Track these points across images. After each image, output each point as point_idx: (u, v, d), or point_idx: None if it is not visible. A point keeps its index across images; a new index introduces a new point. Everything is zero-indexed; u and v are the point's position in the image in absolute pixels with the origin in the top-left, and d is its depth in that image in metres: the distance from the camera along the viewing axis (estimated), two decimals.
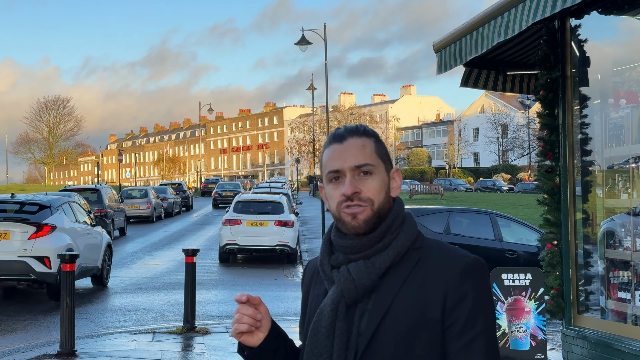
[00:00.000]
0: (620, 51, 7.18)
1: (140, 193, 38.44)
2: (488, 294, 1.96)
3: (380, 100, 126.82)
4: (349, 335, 1.96)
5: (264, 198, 23.92)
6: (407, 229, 2.02)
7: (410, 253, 1.99)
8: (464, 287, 1.92)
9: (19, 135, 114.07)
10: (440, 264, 1.95)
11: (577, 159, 7.12)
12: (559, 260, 7.20)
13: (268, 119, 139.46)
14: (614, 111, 6.75)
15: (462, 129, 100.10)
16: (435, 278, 1.93)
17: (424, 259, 1.98)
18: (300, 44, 31.99)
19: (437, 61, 7.52)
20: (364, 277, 1.96)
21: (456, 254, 1.98)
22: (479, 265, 1.96)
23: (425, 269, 1.95)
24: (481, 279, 1.95)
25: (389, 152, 2.13)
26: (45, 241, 13.27)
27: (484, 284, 1.95)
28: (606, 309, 6.80)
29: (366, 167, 2.00)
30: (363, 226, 1.99)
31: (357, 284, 1.96)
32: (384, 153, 2.06)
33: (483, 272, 1.97)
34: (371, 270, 1.97)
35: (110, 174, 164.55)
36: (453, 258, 1.96)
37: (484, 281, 1.96)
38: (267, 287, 17.14)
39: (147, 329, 11.67)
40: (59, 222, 13.83)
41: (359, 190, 1.99)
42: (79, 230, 14.78)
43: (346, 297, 1.98)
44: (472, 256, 1.98)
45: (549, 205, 7.28)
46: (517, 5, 5.80)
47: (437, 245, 2.02)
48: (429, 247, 2.01)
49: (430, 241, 2.04)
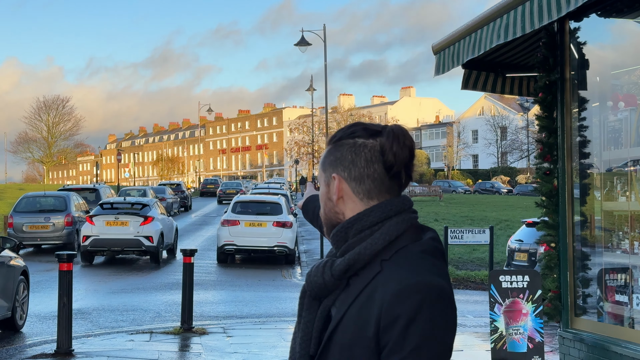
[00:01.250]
0: (619, 54, 7.18)
1: (139, 193, 38.49)
2: (426, 319, 1.80)
3: (379, 102, 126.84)
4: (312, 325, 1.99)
5: (262, 199, 23.93)
6: (375, 237, 1.94)
7: (375, 264, 1.92)
8: (395, 310, 1.80)
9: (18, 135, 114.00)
10: (386, 282, 1.85)
11: (576, 162, 7.12)
12: (556, 263, 7.20)
13: (267, 120, 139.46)
14: (613, 114, 6.76)
15: (461, 131, 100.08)
16: (379, 295, 1.85)
17: (382, 272, 1.89)
18: (300, 44, 32.02)
19: (435, 62, 7.53)
20: (318, 276, 1.98)
21: (406, 273, 1.85)
22: (422, 288, 1.82)
23: (376, 284, 1.88)
24: (420, 302, 1.80)
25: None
26: (149, 227, 21.20)
27: (424, 309, 1.80)
28: (603, 311, 6.80)
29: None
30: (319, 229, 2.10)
31: (312, 281, 1.99)
32: (329, 160, 2.03)
33: (424, 296, 1.81)
34: (326, 271, 1.96)
35: (109, 174, 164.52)
36: (399, 278, 1.84)
37: (424, 305, 1.80)
38: (265, 287, 17.14)
39: (144, 329, 11.66)
40: (155, 214, 21.89)
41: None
42: (164, 219, 22.79)
43: (307, 290, 2.03)
44: (420, 278, 1.84)
45: (547, 207, 7.28)
46: (517, 7, 5.80)
47: (402, 261, 1.90)
48: (393, 261, 1.91)
49: (403, 253, 1.92)
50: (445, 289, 1.86)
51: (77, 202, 25.29)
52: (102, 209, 21.76)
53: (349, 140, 2.00)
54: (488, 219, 31.98)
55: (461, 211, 37.73)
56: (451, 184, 75.63)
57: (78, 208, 24.94)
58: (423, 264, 1.89)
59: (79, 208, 25.12)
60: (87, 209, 25.82)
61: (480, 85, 8.59)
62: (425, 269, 1.87)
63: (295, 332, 2.08)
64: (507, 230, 27.09)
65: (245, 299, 15.29)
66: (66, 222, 23.57)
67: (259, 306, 14.30)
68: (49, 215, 23.70)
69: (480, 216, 34.28)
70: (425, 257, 1.91)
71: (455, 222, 29.81)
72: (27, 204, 24.47)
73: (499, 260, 18.67)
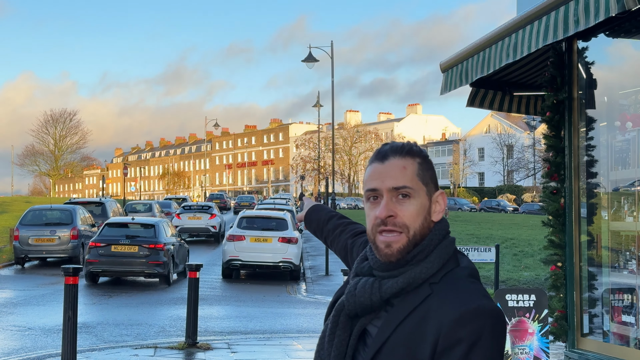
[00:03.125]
0: (627, 74, 7.18)
1: (144, 207, 38.53)
2: (488, 344, 1.82)
3: (386, 119, 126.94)
4: (347, 345, 1.97)
5: (268, 214, 23.91)
6: (430, 260, 1.94)
7: (424, 287, 1.91)
8: (457, 334, 1.81)
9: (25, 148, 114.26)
10: (442, 306, 1.85)
11: (583, 181, 7.11)
12: (563, 283, 7.18)
13: (274, 135, 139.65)
14: (620, 134, 6.75)
15: (467, 148, 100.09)
16: (433, 319, 1.84)
17: (433, 295, 1.89)
18: (308, 60, 32.10)
19: (442, 81, 7.54)
20: (365, 297, 1.95)
21: (463, 297, 1.86)
22: (483, 313, 1.83)
23: (428, 307, 1.87)
24: (481, 327, 1.82)
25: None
26: (214, 220, 35.11)
27: (485, 334, 1.82)
28: (609, 332, 6.77)
29: (404, 190, 1.94)
30: (397, 255, 1.94)
31: (357, 301, 1.96)
32: (429, 175, 1.99)
33: (486, 321, 1.83)
34: (375, 292, 1.94)
35: (115, 188, 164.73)
36: (456, 301, 1.85)
37: (485, 330, 1.82)
38: (270, 303, 17.10)
39: (148, 343, 11.65)
40: (217, 212, 35.97)
41: (394, 214, 1.94)
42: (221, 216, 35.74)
43: (347, 309, 1.99)
44: (479, 303, 1.85)
45: (553, 226, 7.26)
46: (525, 27, 5.82)
47: (453, 284, 1.91)
48: (444, 284, 1.91)
49: (452, 277, 1.93)
50: (501, 314, 1.89)
51: (83, 216, 25.29)
52: (184, 209, 35.69)
53: (428, 158, 2.03)
54: (494, 237, 31.89)
55: (467, 229, 37.64)
56: (457, 202, 75.53)
57: (84, 221, 24.93)
58: (475, 289, 1.90)
59: (85, 221, 25.11)
60: (92, 223, 25.83)
61: (487, 104, 8.59)
62: (479, 294, 1.89)
63: (318, 350, 2.04)
64: (512, 249, 27.00)
65: (250, 314, 15.26)
66: (72, 235, 23.56)
67: (263, 322, 14.27)
68: (55, 229, 23.70)
69: (486, 234, 34.18)
70: (474, 282, 1.93)
71: (461, 240, 29.72)
72: (33, 216, 24.48)
73: (504, 279, 18.60)
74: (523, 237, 32.03)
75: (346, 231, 2.68)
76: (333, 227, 2.74)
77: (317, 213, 2.89)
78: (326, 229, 2.77)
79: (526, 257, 24.31)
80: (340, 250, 2.65)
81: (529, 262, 22.80)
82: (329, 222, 2.77)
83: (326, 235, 2.77)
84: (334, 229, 2.72)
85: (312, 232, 2.93)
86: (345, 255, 2.62)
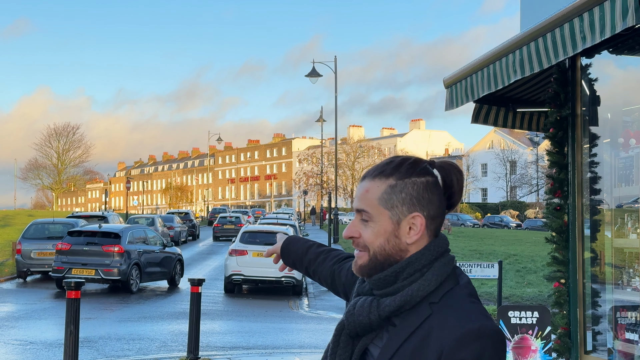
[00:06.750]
0: (631, 91, 7.18)
1: (147, 221, 38.52)
2: None
3: (389, 134, 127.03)
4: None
5: (270, 229, 23.89)
6: (427, 278, 1.93)
7: (424, 306, 1.91)
8: (459, 354, 1.81)
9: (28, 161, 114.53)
10: (443, 326, 1.85)
11: (586, 198, 7.10)
12: (566, 299, 7.16)
13: (277, 150, 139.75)
14: (624, 150, 6.74)
15: (470, 164, 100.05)
16: (435, 340, 1.84)
17: (434, 316, 1.89)
18: (311, 75, 32.19)
19: (447, 97, 7.53)
20: (363, 315, 1.95)
21: (464, 317, 1.86)
22: (485, 334, 1.84)
23: (430, 327, 1.87)
24: (483, 348, 1.82)
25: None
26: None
27: (487, 354, 1.82)
28: (613, 349, 6.74)
29: (363, 214, 1.98)
30: (359, 271, 1.99)
31: (356, 320, 1.97)
32: (400, 198, 1.95)
33: (487, 342, 1.83)
34: (373, 311, 1.94)
35: (118, 202, 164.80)
36: (457, 321, 1.85)
37: (486, 351, 1.82)
38: (272, 318, 17.06)
39: (150, 358, 11.62)
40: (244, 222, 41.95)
41: (355, 235, 1.99)
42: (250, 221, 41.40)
43: (347, 328, 1.99)
44: (480, 323, 1.85)
45: (557, 243, 7.25)
46: (529, 43, 5.82)
47: (454, 304, 1.90)
48: (444, 304, 1.90)
49: (452, 297, 1.92)
50: (502, 335, 1.89)
51: None
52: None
53: (422, 179, 1.96)
54: (497, 253, 31.83)
55: (470, 245, 37.57)
56: (460, 217, 75.43)
57: None
58: (476, 309, 1.91)
59: None
60: None
61: (492, 120, 8.60)
62: (480, 314, 1.89)
63: None
64: (515, 265, 26.94)
65: (252, 329, 15.22)
66: None
67: (265, 337, 14.23)
68: (57, 243, 23.69)
69: (489, 250, 34.12)
70: (474, 301, 1.93)
71: (463, 256, 29.67)
72: (35, 230, 24.49)
73: (507, 295, 18.55)
74: (526, 253, 31.96)
75: (329, 258, 2.64)
76: (314, 256, 2.68)
77: (294, 244, 2.81)
78: (306, 259, 2.70)
79: (529, 274, 24.26)
80: (326, 277, 2.60)
81: (532, 279, 22.75)
82: (308, 251, 2.71)
83: (307, 265, 2.71)
84: (316, 258, 2.67)
85: (291, 264, 2.84)
86: (331, 282, 2.57)
